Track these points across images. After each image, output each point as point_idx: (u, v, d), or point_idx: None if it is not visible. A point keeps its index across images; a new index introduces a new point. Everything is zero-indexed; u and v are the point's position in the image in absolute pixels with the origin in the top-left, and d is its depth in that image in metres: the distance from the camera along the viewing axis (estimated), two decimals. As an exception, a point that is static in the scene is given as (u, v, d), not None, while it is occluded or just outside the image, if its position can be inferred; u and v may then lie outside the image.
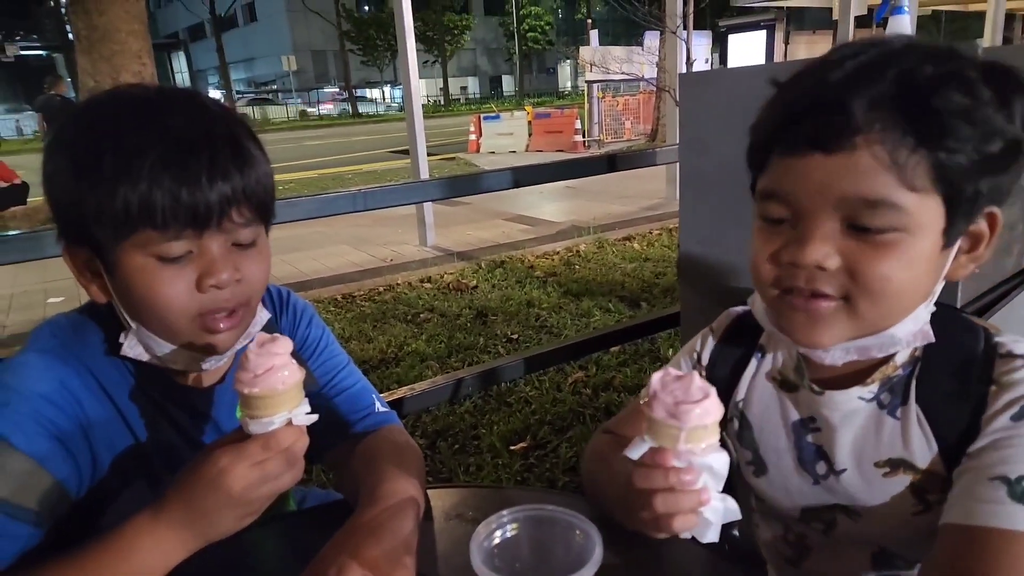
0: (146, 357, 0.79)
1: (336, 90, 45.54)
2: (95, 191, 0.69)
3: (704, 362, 0.90)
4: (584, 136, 13.09)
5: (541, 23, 51.19)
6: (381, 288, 4.65)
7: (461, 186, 2.35)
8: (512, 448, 2.47)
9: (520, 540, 0.64)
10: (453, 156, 13.03)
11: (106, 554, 0.66)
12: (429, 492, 0.83)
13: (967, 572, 0.60)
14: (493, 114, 14.75)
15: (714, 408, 0.62)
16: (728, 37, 14.06)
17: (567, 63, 52.34)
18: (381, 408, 0.96)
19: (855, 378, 0.75)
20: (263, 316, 0.87)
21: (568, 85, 52.16)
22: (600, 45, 14.40)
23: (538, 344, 3.47)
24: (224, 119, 0.76)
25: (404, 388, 2.04)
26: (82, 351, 0.78)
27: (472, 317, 3.92)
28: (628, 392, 2.84)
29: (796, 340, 0.71)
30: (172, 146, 0.70)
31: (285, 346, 0.68)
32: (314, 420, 0.71)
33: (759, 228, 0.72)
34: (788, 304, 0.70)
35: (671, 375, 0.63)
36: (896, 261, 0.64)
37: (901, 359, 0.74)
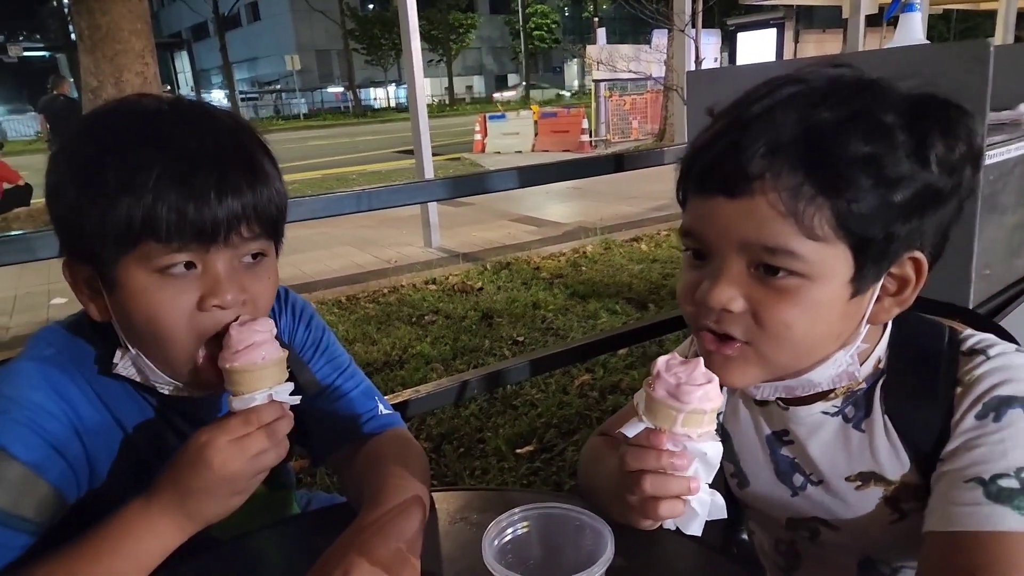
0: (139, 378, 0.78)
1: (340, 90, 45.67)
2: (97, 204, 0.68)
3: None
4: (591, 136, 13.05)
5: (547, 21, 51.26)
6: (385, 290, 4.65)
7: (466, 186, 2.32)
8: (518, 451, 2.46)
9: (531, 537, 0.64)
10: (458, 156, 13.04)
11: (103, 542, 0.67)
12: (434, 495, 0.82)
13: None
14: (499, 114, 14.73)
15: (715, 395, 0.62)
16: (738, 36, 13.99)
17: (574, 62, 52.34)
18: (385, 410, 0.95)
19: (819, 393, 0.74)
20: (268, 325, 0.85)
21: (575, 84, 52.15)
22: (607, 43, 14.39)
23: (544, 346, 3.45)
24: (238, 133, 0.74)
25: (408, 390, 2.02)
26: (78, 359, 0.78)
27: (477, 319, 3.91)
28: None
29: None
30: (180, 161, 0.68)
31: (267, 325, 0.71)
32: (297, 401, 0.73)
33: (684, 261, 0.72)
34: (703, 342, 0.70)
35: (677, 359, 0.64)
36: (796, 308, 0.63)
37: (863, 373, 0.72)
